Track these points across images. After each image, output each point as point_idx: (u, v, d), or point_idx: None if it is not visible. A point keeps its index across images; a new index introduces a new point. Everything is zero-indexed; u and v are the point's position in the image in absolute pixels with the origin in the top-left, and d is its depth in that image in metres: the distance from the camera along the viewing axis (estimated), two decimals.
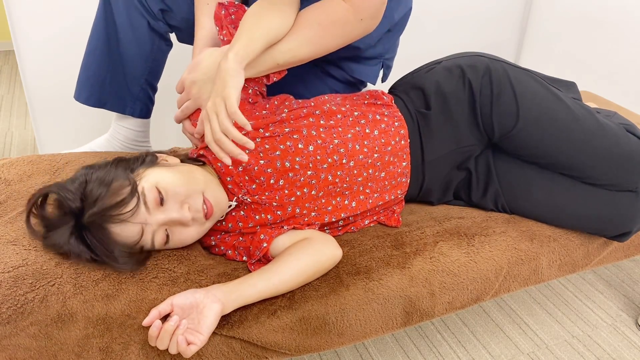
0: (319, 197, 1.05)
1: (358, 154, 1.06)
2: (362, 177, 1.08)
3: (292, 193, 1.02)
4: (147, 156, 1.00)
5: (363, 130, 1.09)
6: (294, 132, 1.03)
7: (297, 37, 0.96)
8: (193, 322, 0.85)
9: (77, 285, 0.87)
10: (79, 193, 0.88)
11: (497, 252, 1.10)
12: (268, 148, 1.01)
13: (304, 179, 1.02)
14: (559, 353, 1.43)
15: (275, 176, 1.01)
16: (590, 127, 1.11)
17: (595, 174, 1.12)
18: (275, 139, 1.02)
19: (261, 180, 1.02)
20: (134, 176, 0.92)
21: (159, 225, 0.92)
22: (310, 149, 1.02)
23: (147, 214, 0.90)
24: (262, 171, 1.01)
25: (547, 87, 1.13)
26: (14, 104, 2.84)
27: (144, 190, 0.90)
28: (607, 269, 1.74)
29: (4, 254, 0.89)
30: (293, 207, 1.04)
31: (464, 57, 1.17)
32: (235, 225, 1.05)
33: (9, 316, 0.81)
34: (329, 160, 1.03)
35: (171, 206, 0.92)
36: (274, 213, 1.03)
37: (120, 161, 0.97)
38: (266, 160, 1.01)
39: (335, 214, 1.07)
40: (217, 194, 0.98)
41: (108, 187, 0.88)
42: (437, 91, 1.15)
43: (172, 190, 0.92)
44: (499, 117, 1.11)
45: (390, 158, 1.11)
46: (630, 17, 2.00)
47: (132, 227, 0.89)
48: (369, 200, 1.10)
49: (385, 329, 1.03)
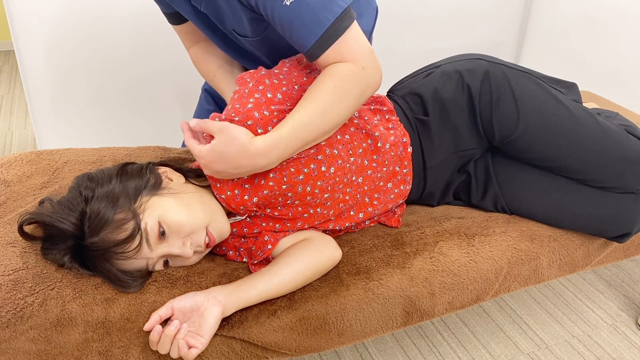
0: (330, 214, 1.05)
1: (367, 169, 1.05)
2: (368, 188, 1.07)
3: (306, 211, 1.02)
4: (151, 175, 0.95)
5: (375, 144, 1.06)
6: (318, 152, 0.98)
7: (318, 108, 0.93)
8: (194, 325, 0.85)
9: (76, 289, 0.87)
10: (77, 216, 0.86)
11: (497, 252, 1.10)
12: (293, 172, 0.96)
13: (319, 200, 1.01)
14: (559, 353, 1.43)
15: (293, 198, 0.99)
16: (591, 130, 1.10)
17: (596, 176, 1.11)
18: (300, 162, 0.97)
19: (278, 202, 0.99)
20: (137, 207, 0.88)
21: (159, 257, 0.92)
22: (331, 171, 0.99)
23: (149, 251, 0.89)
24: (282, 194, 0.98)
25: (547, 89, 1.12)
26: (14, 104, 2.84)
27: (147, 227, 0.87)
28: (607, 269, 1.74)
29: (3, 256, 0.89)
30: (303, 222, 1.03)
31: (462, 60, 1.16)
32: (240, 230, 1.04)
33: (9, 320, 0.81)
34: (344, 181, 1.02)
35: (173, 242, 0.91)
36: (284, 224, 1.03)
37: (123, 176, 0.93)
38: (288, 185, 0.97)
39: (339, 222, 1.08)
40: (220, 225, 0.96)
41: (111, 219, 0.85)
42: (435, 97, 1.14)
43: (176, 227, 0.89)
44: (500, 121, 1.10)
45: (395, 168, 1.11)
46: (631, 16, 2.00)
47: (135, 262, 0.89)
48: (375, 210, 1.11)
49: (385, 329, 1.03)
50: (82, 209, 0.86)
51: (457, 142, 1.15)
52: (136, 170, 0.95)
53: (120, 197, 0.88)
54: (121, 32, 1.67)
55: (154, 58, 1.75)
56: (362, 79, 0.94)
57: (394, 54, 2.06)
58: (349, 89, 0.93)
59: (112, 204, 0.86)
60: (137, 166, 0.96)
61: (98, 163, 1.20)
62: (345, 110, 0.95)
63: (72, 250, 0.88)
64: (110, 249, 0.85)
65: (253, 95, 0.97)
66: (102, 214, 0.85)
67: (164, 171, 0.98)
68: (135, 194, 0.90)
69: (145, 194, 0.91)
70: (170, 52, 1.73)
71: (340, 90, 0.93)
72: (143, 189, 0.91)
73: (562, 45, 2.29)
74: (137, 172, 0.94)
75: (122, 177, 0.92)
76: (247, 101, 0.96)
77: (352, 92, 0.94)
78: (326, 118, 0.93)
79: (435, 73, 1.17)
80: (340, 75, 0.93)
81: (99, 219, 0.85)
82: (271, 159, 0.90)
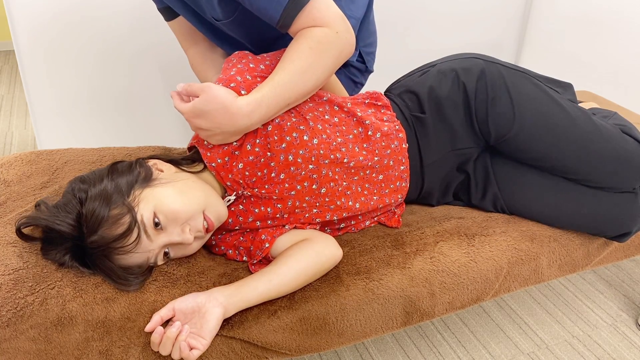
0: (321, 194, 1.04)
1: (358, 156, 1.06)
2: (359, 177, 1.07)
3: (293, 187, 1.01)
4: (141, 168, 0.95)
5: (365, 133, 1.08)
6: (301, 121, 1.01)
7: (297, 68, 0.96)
8: (195, 326, 0.85)
9: (76, 288, 0.87)
10: (74, 218, 0.87)
11: (497, 252, 1.10)
12: (276, 140, 0.99)
13: (304, 172, 1.01)
14: (559, 353, 1.43)
15: (277, 170, 0.99)
16: (586, 130, 1.11)
17: (592, 176, 1.12)
18: (283, 129, 0.99)
19: (263, 174, 1.00)
20: (130, 201, 0.89)
21: (161, 247, 0.92)
22: (314, 142, 1.01)
23: (148, 242, 0.89)
24: (266, 164, 0.99)
25: (543, 89, 1.12)
26: (14, 104, 2.84)
27: (143, 219, 0.88)
28: (607, 269, 1.74)
29: (4, 255, 0.89)
30: (293, 201, 1.02)
31: (458, 59, 1.16)
32: (235, 220, 1.04)
33: (9, 319, 0.81)
34: (330, 157, 1.02)
35: (172, 230, 0.91)
36: (274, 206, 1.02)
37: (114, 174, 0.94)
38: (272, 154, 0.99)
39: (337, 212, 1.07)
40: (217, 208, 0.96)
41: (107, 216, 0.86)
42: (430, 95, 1.14)
43: (172, 215, 0.90)
44: (495, 120, 1.10)
45: (390, 162, 1.11)
46: (631, 16, 2.00)
47: (136, 256, 0.89)
48: (370, 202, 1.10)
49: (386, 329, 1.03)
50: (78, 211, 0.87)
51: (453, 140, 1.15)
52: (126, 167, 0.96)
53: (114, 194, 0.88)
54: (121, 32, 1.67)
55: (154, 58, 1.75)
56: (337, 42, 0.97)
57: (393, 54, 2.06)
58: (325, 50, 0.97)
59: (106, 201, 0.87)
60: (127, 163, 0.97)
61: (98, 163, 1.20)
62: (323, 72, 0.99)
63: (72, 251, 0.88)
64: (110, 244, 0.85)
65: (236, 66, 1.02)
66: (98, 212, 0.86)
67: (154, 163, 0.99)
68: (128, 188, 0.91)
69: (137, 188, 0.91)
70: (171, 52, 1.73)
71: (316, 51, 0.96)
72: (135, 183, 0.92)
73: (562, 45, 2.29)
74: (127, 168, 0.95)
75: (113, 175, 0.93)
76: (230, 71, 1.01)
77: (327, 53, 0.97)
78: (305, 77, 0.97)
79: (431, 72, 1.17)
80: (315, 37, 0.96)
81: (95, 218, 0.85)
82: (253, 119, 0.94)
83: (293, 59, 0.96)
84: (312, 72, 0.97)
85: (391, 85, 1.26)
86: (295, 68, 0.96)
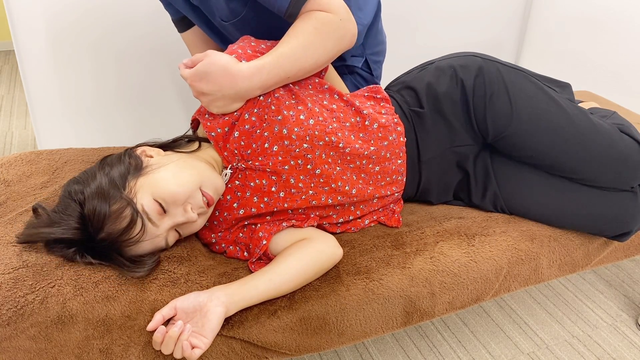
0: (316, 175, 1.03)
1: (354, 143, 1.06)
2: (354, 165, 1.07)
3: (286, 161, 1.01)
4: (130, 159, 0.97)
5: (362, 122, 1.09)
6: (299, 103, 1.03)
7: (300, 43, 0.99)
8: (197, 325, 0.85)
9: (77, 286, 0.87)
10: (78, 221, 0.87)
11: (497, 252, 1.10)
12: (273, 110, 1.00)
13: (299, 150, 1.01)
14: (559, 353, 1.43)
15: (270, 140, 1.00)
16: (583, 129, 1.11)
17: (589, 175, 1.12)
18: (282, 102, 1.01)
19: (257, 145, 1.01)
20: (127, 193, 0.90)
21: (167, 230, 0.93)
22: (310, 122, 1.02)
23: (154, 228, 0.91)
24: (261, 135, 1.00)
25: (541, 87, 1.13)
26: (14, 104, 2.84)
27: (144, 208, 0.89)
28: (607, 269, 1.74)
29: (4, 255, 0.89)
30: (287, 176, 1.02)
31: (457, 57, 1.17)
32: (233, 196, 1.04)
33: (9, 318, 0.81)
34: (325, 139, 1.03)
35: (174, 212, 0.92)
36: (269, 178, 1.02)
37: (105, 169, 0.94)
38: (267, 124, 1.00)
39: (332, 195, 1.06)
40: (212, 181, 0.97)
41: (108, 212, 0.87)
42: (429, 91, 1.15)
43: (171, 198, 0.91)
44: (493, 117, 1.11)
45: (387, 154, 1.11)
46: (631, 16, 2.00)
47: (145, 244, 0.91)
48: (366, 191, 1.10)
49: (386, 329, 1.03)
50: (79, 213, 0.88)
51: (451, 137, 1.16)
52: (115, 159, 0.97)
53: (110, 189, 0.89)
54: (121, 32, 1.67)
55: (154, 58, 1.75)
56: (340, 27, 1.02)
57: (393, 54, 2.06)
58: (328, 32, 1.01)
59: (105, 198, 0.88)
60: (116, 155, 0.99)
61: None
62: (323, 53, 1.02)
63: (80, 251, 0.89)
64: (118, 238, 0.87)
65: (238, 44, 1.06)
66: (99, 210, 0.87)
67: (142, 151, 1.00)
68: (122, 181, 0.92)
69: (131, 179, 0.92)
70: (171, 52, 1.73)
71: (320, 32, 1.00)
72: (127, 174, 0.93)
73: (562, 45, 2.29)
74: (117, 161, 0.96)
75: (105, 169, 0.94)
76: (232, 47, 1.04)
77: (330, 35, 1.01)
78: (307, 54, 1.00)
79: (429, 69, 1.18)
80: (320, 19, 1.00)
81: (98, 216, 0.86)
82: (253, 83, 0.97)
83: (297, 35, 0.99)
84: (314, 50, 1.00)
85: (390, 83, 1.27)
86: (299, 43, 0.99)
